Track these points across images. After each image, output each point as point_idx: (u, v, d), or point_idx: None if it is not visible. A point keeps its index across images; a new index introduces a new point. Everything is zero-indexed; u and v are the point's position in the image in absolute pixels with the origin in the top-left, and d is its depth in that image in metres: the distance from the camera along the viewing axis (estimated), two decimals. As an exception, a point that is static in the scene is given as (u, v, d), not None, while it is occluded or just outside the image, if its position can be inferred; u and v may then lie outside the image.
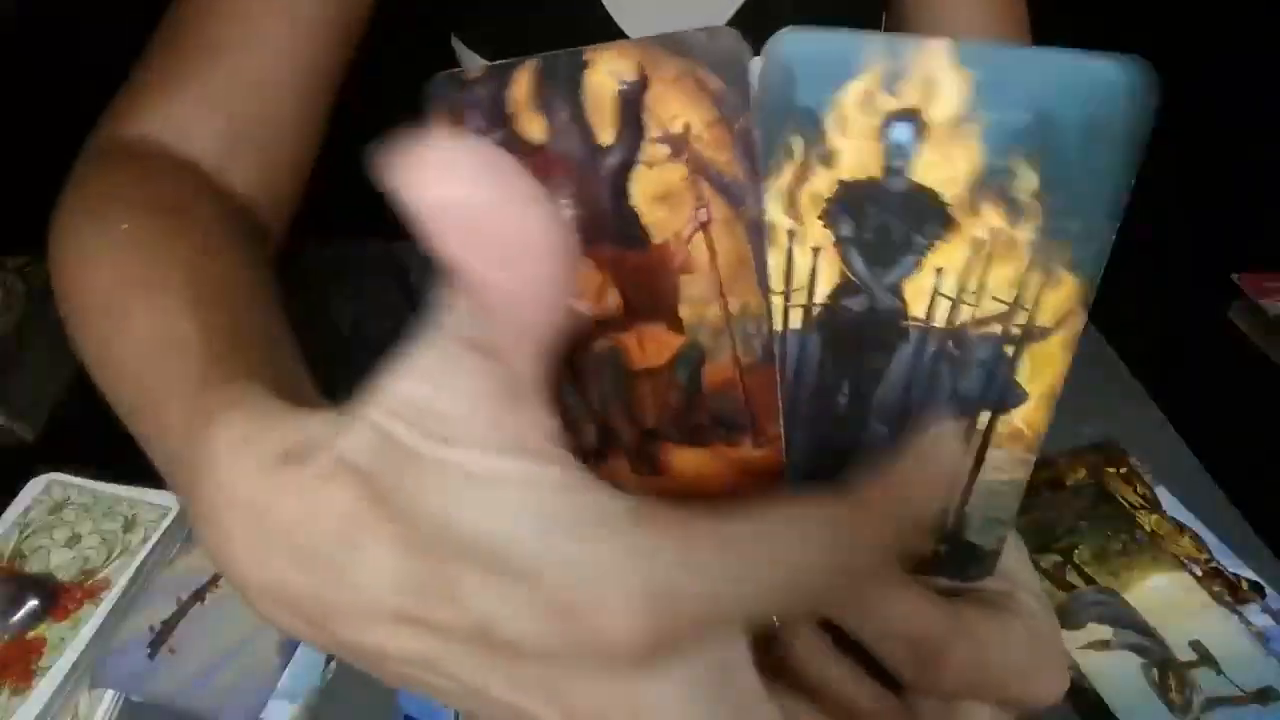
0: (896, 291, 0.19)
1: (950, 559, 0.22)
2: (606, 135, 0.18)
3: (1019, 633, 0.21)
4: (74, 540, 0.54)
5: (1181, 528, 0.56)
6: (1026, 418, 0.20)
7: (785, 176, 0.19)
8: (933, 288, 0.19)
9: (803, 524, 0.15)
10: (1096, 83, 0.17)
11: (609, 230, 0.19)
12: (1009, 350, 0.19)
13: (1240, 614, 0.51)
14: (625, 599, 0.13)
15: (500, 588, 0.13)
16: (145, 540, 0.53)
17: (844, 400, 0.21)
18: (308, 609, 0.15)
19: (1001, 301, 0.19)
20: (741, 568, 0.14)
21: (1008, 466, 0.20)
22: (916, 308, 0.20)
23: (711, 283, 0.19)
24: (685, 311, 0.19)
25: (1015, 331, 0.19)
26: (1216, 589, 0.52)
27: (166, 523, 0.54)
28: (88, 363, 0.30)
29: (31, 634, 0.49)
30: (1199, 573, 0.53)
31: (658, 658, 0.14)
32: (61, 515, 0.55)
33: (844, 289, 0.20)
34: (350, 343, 0.69)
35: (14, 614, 0.49)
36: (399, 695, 0.47)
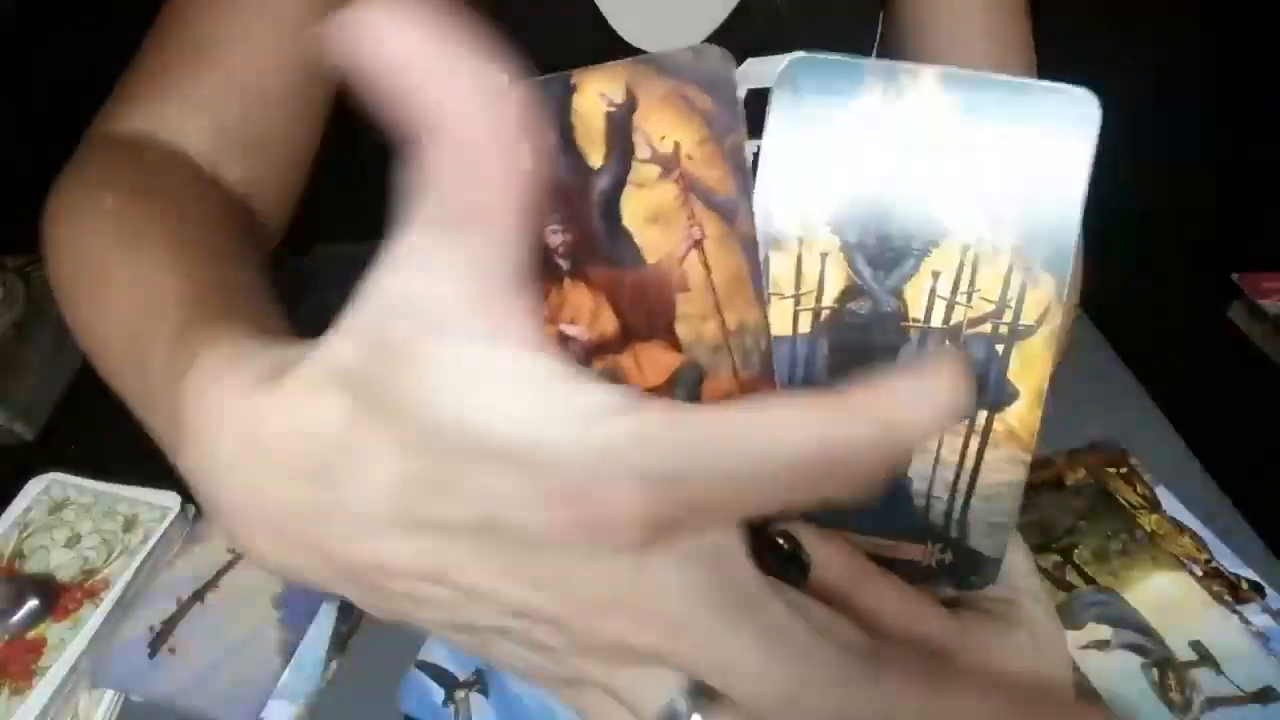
0: (898, 294, 0.21)
1: (954, 567, 0.22)
2: (596, 157, 0.18)
3: (1023, 642, 0.21)
4: (74, 540, 0.54)
5: (1181, 528, 0.56)
6: (1020, 416, 0.21)
7: (795, 187, 0.20)
8: (930, 290, 0.21)
9: (796, 415, 0.14)
10: (1053, 108, 0.20)
11: (603, 251, 0.19)
12: (1000, 349, 0.21)
13: (1240, 614, 0.51)
14: (627, 482, 0.13)
15: (502, 479, 0.14)
16: (145, 540, 0.53)
17: None
18: (302, 527, 0.15)
19: (990, 301, 0.21)
20: (738, 456, 0.14)
21: (1006, 467, 0.21)
22: (916, 310, 0.21)
23: (707, 300, 0.19)
24: (682, 329, 0.20)
25: (1003, 330, 0.21)
26: (1216, 589, 0.52)
27: (166, 523, 0.54)
28: (77, 336, 0.31)
29: (31, 634, 0.49)
30: (1199, 573, 0.53)
31: (658, 541, 0.14)
32: (61, 515, 0.55)
33: (850, 293, 0.21)
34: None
35: (14, 614, 0.49)
36: (399, 695, 0.47)
